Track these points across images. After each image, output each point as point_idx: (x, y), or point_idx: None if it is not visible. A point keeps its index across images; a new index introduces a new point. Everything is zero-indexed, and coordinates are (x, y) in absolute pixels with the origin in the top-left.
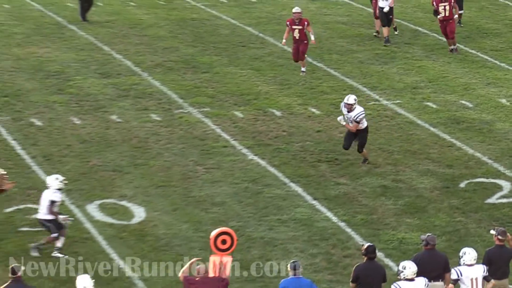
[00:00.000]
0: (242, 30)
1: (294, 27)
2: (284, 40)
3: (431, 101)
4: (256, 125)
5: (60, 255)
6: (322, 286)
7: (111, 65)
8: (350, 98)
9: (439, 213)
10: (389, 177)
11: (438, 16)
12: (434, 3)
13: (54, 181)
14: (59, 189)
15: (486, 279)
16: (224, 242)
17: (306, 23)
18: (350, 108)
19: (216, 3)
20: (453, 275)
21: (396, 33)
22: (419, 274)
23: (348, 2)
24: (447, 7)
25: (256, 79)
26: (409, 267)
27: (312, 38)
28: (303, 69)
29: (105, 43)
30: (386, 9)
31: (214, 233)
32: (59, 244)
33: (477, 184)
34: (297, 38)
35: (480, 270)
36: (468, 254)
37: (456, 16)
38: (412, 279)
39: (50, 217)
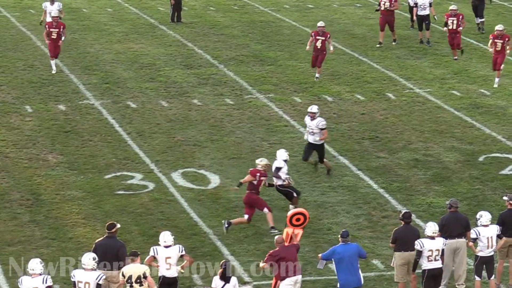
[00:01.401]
0: (301, 31)
1: (318, 37)
2: (308, 47)
3: (456, 89)
4: None
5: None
6: (364, 241)
7: (193, 58)
8: (313, 108)
9: (461, 182)
10: (420, 152)
11: (445, 28)
12: (446, 16)
13: (283, 154)
14: (285, 160)
15: (499, 236)
16: (298, 219)
17: (328, 35)
18: (313, 116)
19: (280, 8)
20: (472, 235)
21: (394, 43)
22: (445, 232)
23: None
24: (455, 22)
25: (312, 71)
26: (430, 227)
27: (331, 48)
28: (317, 75)
29: (189, 40)
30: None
31: (290, 212)
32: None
33: (493, 158)
34: (318, 47)
35: (494, 230)
36: (484, 216)
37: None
38: (432, 237)
39: (279, 182)
